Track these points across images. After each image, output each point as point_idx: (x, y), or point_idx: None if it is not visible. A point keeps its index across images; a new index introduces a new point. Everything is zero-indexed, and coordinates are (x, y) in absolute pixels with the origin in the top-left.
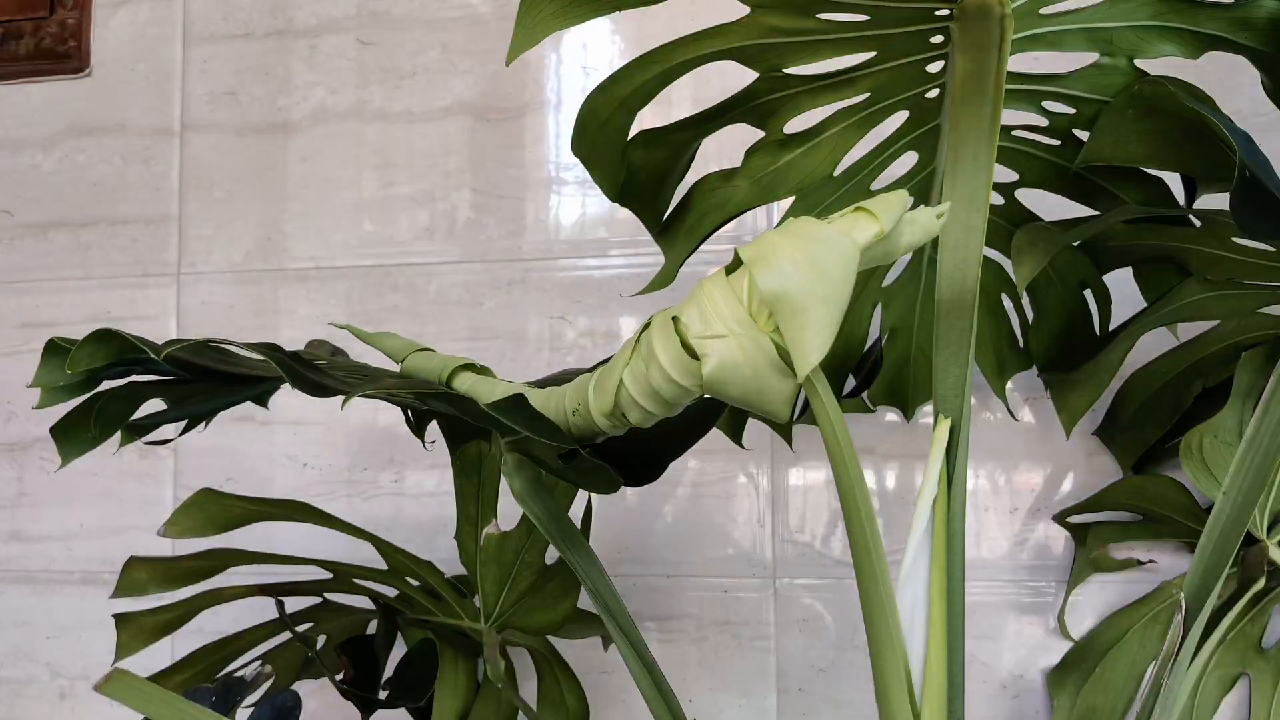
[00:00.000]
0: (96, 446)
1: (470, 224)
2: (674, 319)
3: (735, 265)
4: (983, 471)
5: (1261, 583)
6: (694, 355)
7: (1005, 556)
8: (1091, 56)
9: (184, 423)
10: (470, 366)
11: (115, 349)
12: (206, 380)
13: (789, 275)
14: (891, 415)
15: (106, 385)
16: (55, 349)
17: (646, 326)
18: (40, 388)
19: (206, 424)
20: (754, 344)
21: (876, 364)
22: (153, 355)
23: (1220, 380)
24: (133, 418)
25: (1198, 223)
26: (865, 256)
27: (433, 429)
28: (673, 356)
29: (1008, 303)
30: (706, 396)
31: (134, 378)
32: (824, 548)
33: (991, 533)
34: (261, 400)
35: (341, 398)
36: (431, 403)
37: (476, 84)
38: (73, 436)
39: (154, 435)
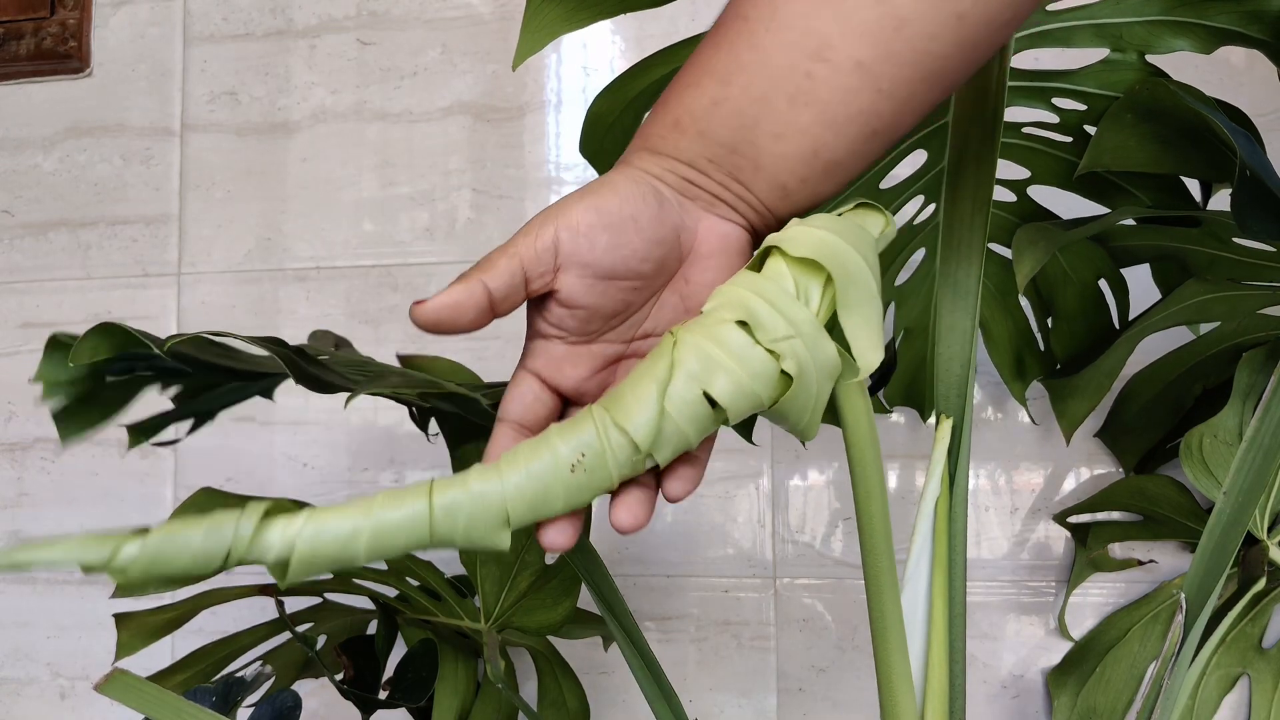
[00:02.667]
0: (97, 428)
1: (470, 224)
2: (738, 323)
3: (760, 262)
4: (983, 471)
5: (1262, 583)
6: (776, 359)
7: (1006, 556)
8: (1101, 53)
9: (190, 422)
10: (276, 509)
11: (118, 343)
12: (209, 375)
13: (852, 269)
14: (895, 415)
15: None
16: (57, 344)
17: (674, 342)
18: (44, 382)
19: (212, 418)
20: (818, 345)
21: (891, 364)
22: (156, 350)
23: (1221, 381)
24: (139, 419)
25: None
26: None
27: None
28: (754, 364)
29: (1026, 303)
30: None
31: (137, 373)
32: (824, 548)
33: (992, 533)
34: (268, 392)
35: (342, 397)
36: (435, 402)
37: (476, 84)
38: (74, 418)
39: (159, 436)
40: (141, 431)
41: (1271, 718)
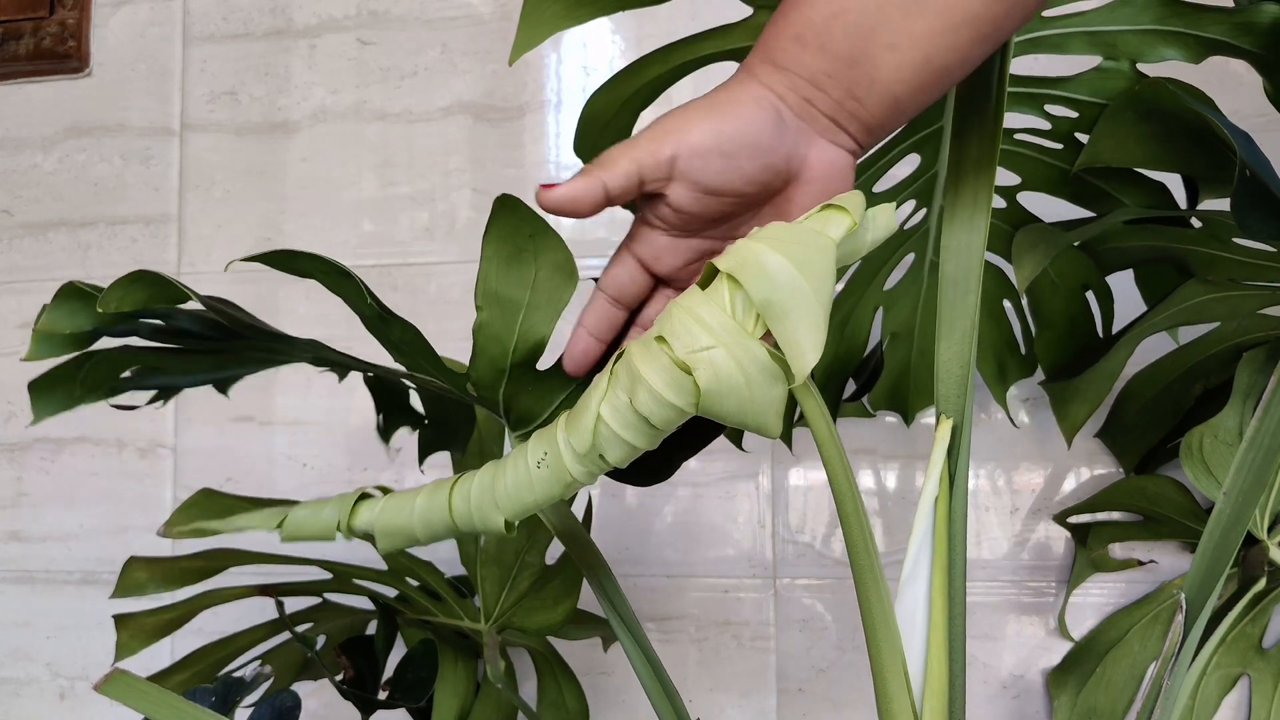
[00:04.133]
0: (74, 407)
1: (470, 224)
2: (657, 338)
3: (708, 279)
4: (983, 472)
5: (1262, 583)
6: (686, 371)
7: (1006, 557)
8: (1094, 60)
9: (154, 392)
10: (366, 495)
11: (148, 294)
12: (243, 335)
13: (777, 278)
14: (893, 417)
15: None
16: (72, 292)
17: (619, 358)
18: (39, 334)
19: (165, 400)
20: (745, 351)
21: (878, 368)
22: (195, 297)
23: (1221, 381)
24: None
25: (1197, 224)
26: (838, 253)
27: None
28: (663, 375)
29: (1008, 307)
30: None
31: (130, 340)
32: (824, 548)
33: (992, 533)
34: (223, 386)
35: (339, 398)
36: (438, 384)
37: (476, 84)
38: (50, 393)
39: (118, 399)
40: (103, 391)
41: (1271, 718)
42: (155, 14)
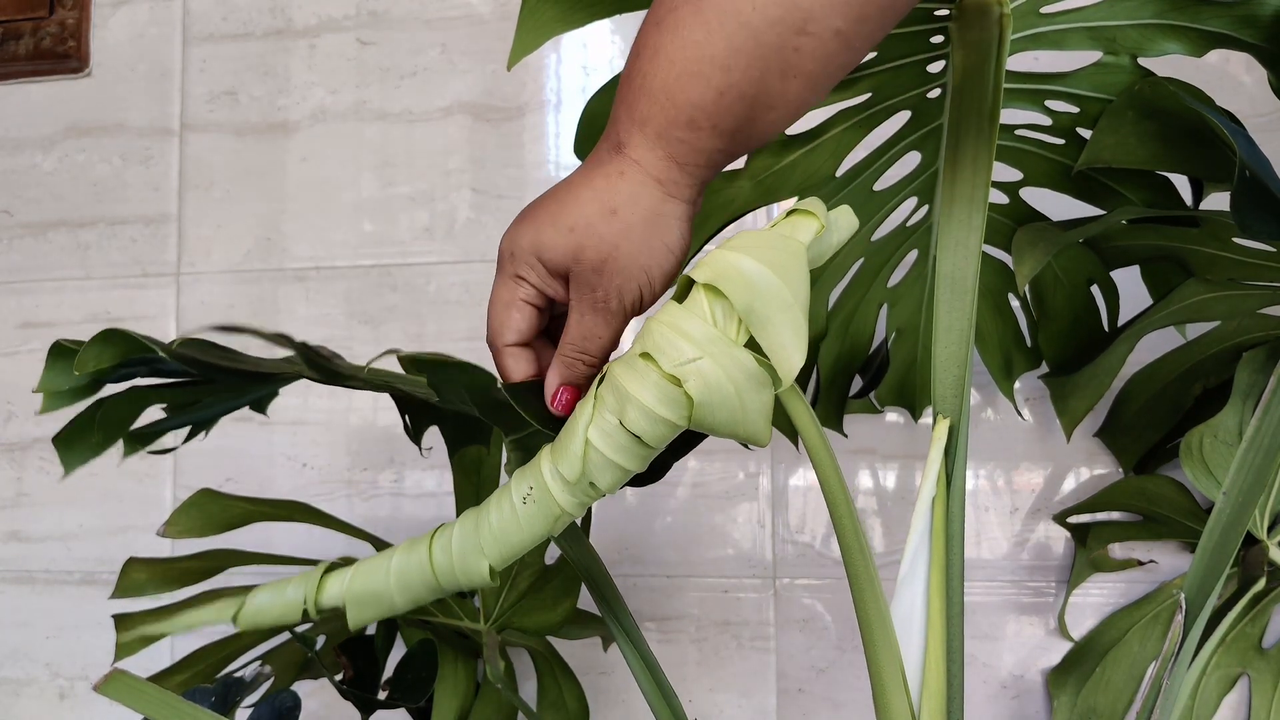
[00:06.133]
0: (100, 454)
1: (470, 224)
2: (641, 355)
3: (684, 292)
4: (983, 471)
5: (1262, 583)
6: (676, 384)
7: (1005, 557)
8: (1094, 55)
9: (187, 430)
10: (333, 568)
11: (122, 349)
12: (214, 379)
13: (758, 284)
14: (893, 415)
15: (109, 391)
16: (61, 352)
17: (600, 382)
18: (44, 392)
19: (207, 432)
20: (732, 359)
21: (884, 364)
22: (161, 354)
23: (1221, 381)
24: (135, 426)
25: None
26: (807, 256)
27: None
28: (654, 391)
29: (1014, 302)
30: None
31: (137, 381)
32: (824, 548)
33: (992, 533)
34: (260, 406)
35: (339, 399)
36: (446, 390)
37: (476, 84)
38: (75, 445)
39: (156, 444)
40: (138, 439)
41: (1271, 718)
42: (155, 14)
